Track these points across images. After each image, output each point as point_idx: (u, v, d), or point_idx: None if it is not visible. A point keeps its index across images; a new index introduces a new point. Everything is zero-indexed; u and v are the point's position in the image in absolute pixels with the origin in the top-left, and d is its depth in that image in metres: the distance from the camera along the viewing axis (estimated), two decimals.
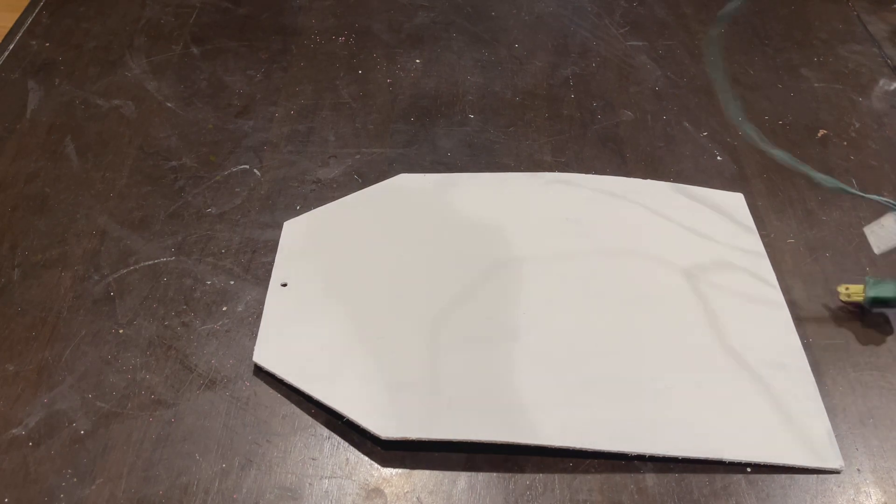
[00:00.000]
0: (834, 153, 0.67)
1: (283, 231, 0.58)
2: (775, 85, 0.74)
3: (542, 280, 0.55)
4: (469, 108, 0.70)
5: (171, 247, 0.57)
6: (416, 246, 0.57)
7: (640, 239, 0.58)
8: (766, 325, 0.53)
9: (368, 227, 0.58)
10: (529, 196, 0.61)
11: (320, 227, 0.58)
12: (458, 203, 0.60)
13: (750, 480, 0.45)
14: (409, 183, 0.62)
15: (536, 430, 0.46)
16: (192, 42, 0.76)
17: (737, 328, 0.52)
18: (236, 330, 0.52)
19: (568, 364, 0.50)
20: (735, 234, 0.59)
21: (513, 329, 0.51)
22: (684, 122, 0.69)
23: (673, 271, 0.56)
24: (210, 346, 0.51)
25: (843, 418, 0.49)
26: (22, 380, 0.49)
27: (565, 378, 0.49)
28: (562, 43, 0.78)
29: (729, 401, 0.48)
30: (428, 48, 0.76)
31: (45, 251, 0.56)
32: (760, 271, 0.56)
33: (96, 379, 0.49)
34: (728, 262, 0.57)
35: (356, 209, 0.59)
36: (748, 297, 0.54)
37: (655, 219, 0.60)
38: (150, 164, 0.63)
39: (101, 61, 0.73)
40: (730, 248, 0.58)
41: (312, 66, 0.74)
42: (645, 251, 0.57)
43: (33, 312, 0.53)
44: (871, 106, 0.72)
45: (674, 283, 0.55)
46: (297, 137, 0.66)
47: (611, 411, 0.47)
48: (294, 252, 0.56)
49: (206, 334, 0.52)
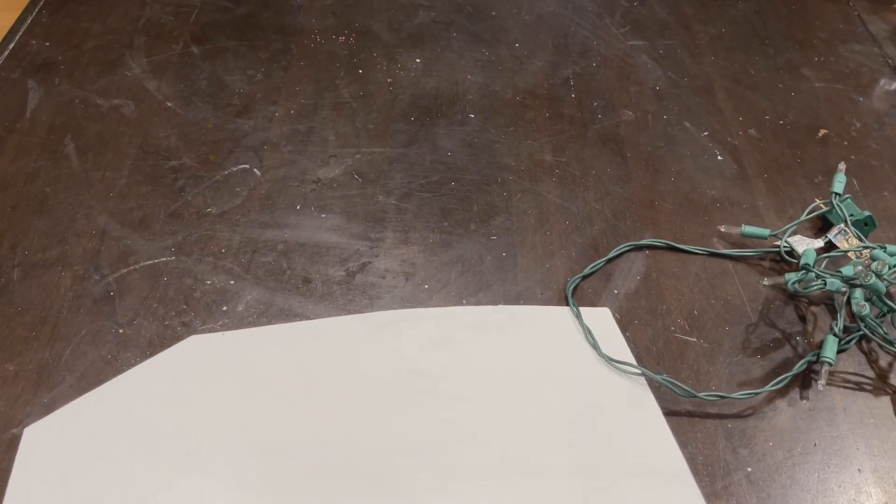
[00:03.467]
0: (834, 153, 0.67)
1: (20, 447, 0.45)
2: (776, 84, 0.74)
3: (380, 470, 0.45)
4: (469, 108, 0.70)
5: (171, 246, 0.57)
6: (221, 435, 0.46)
7: (498, 382, 0.50)
8: (662, 481, 0.46)
9: (146, 420, 0.46)
10: (356, 347, 0.51)
11: (77, 432, 0.46)
12: (266, 369, 0.50)
13: (751, 480, 0.45)
14: (203, 348, 0.51)
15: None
16: (192, 41, 0.76)
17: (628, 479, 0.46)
18: (236, 329, 0.52)
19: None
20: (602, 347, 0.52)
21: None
22: (685, 122, 0.69)
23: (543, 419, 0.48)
24: None
25: (843, 418, 0.49)
26: (22, 380, 0.49)
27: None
28: (562, 42, 0.78)
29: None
30: (428, 48, 0.76)
31: (45, 251, 0.56)
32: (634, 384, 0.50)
33: (96, 379, 0.49)
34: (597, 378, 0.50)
35: (125, 401, 0.47)
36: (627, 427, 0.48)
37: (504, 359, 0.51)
38: (150, 164, 0.63)
39: (101, 61, 0.73)
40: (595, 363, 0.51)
41: (312, 65, 0.74)
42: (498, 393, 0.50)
43: (33, 312, 0.53)
44: (871, 106, 0.72)
45: (543, 434, 0.47)
46: (297, 137, 0.66)
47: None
48: (36, 478, 0.44)
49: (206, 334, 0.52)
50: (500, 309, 0.54)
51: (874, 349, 0.52)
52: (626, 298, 0.55)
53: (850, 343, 0.52)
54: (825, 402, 0.49)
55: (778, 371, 0.51)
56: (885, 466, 0.46)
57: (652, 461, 0.46)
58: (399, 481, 0.45)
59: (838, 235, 0.56)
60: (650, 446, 0.47)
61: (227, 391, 0.48)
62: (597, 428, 0.47)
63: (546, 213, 0.60)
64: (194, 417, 0.47)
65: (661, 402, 0.49)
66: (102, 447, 0.45)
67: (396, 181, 0.63)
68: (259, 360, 0.50)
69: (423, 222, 0.60)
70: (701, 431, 0.48)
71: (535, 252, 0.58)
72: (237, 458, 0.45)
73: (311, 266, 0.56)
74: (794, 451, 0.47)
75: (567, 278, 0.56)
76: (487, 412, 0.48)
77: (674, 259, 0.58)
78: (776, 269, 0.57)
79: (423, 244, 0.58)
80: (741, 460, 0.46)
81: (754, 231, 0.57)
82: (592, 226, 0.60)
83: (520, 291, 0.55)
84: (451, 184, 0.62)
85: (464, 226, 0.59)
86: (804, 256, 0.53)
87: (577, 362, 0.51)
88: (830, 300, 0.55)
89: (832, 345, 0.50)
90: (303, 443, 0.46)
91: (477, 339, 0.52)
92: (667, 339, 0.52)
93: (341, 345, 0.52)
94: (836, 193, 0.58)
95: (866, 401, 0.50)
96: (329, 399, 0.49)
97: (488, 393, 0.49)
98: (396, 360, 0.51)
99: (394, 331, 0.52)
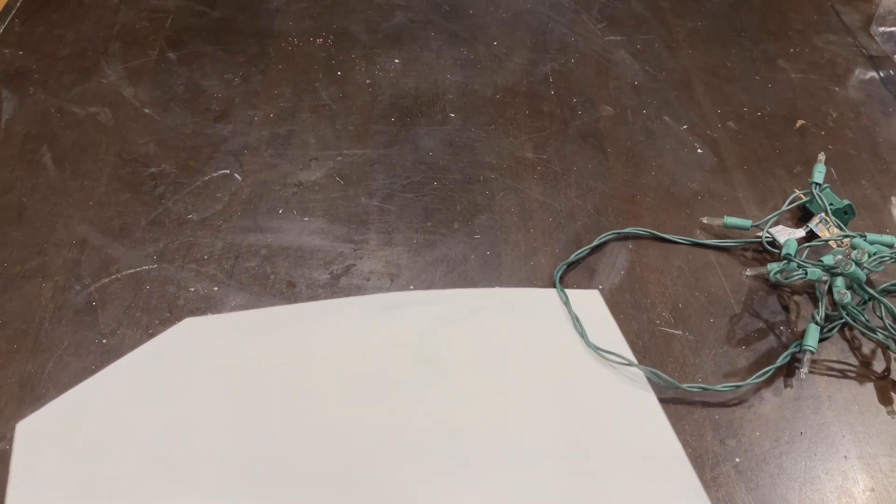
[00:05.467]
0: (812, 143, 0.67)
1: (15, 442, 0.44)
2: (753, 76, 0.74)
3: (383, 458, 0.45)
4: (449, 107, 0.70)
5: (153, 254, 0.57)
6: (223, 421, 0.46)
7: (504, 370, 0.50)
8: (660, 468, 0.46)
9: (142, 407, 0.46)
10: (360, 331, 0.51)
11: (71, 424, 0.45)
12: (263, 353, 0.50)
13: (739, 470, 0.46)
14: (198, 330, 0.50)
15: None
16: (168, 47, 0.75)
17: (628, 474, 0.46)
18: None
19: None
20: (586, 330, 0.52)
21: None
22: (664, 116, 0.69)
23: (547, 411, 0.48)
24: None
25: (828, 406, 0.49)
26: (4, 393, 0.48)
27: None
28: (540, 40, 0.78)
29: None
30: (406, 48, 0.76)
31: (24, 262, 0.56)
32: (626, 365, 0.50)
33: None
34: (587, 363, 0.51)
35: (121, 388, 0.47)
36: (626, 417, 0.48)
37: (501, 335, 0.52)
38: (129, 171, 0.63)
39: (76, 68, 0.72)
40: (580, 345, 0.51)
41: (290, 68, 0.73)
42: (499, 379, 0.50)
43: (14, 324, 0.52)
44: (847, 95, 0.72)
45: (550, 427, 0.47)
46: (277, 141, 0.66)
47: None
48: (37, 483, 0.43)
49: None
50: (497, 291, 0.54)
51: (857, 337, 0.53)
52: (610, 293, 0.55)
53: (832, 331, 0.53)
54: (810, 391, 0.50)
55: (762, 361, 0.51)
56: (871, 452, 0.47)
57: (649, 447, 0.46)
58: (395, 465, 0.45)
59: (819, 224, 0.57)
60: (647, 432, 0.47)
61: (224, 374, 0.48)
62: (596, 413, 0.48)
63: (529, 211, 0.61)
64: (192, 401, 0.47)
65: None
66: (101, 435, 0.45)
67: (378, 182, 0.62)
68: (256, 342, 0.50)
69: (407, 223, 0.59)
70: (689, 423, 0.48)
71: (518, 249, 0.58)
72: (236, 444, 0.45)
73: (294, 270, 0.56)
74: (781, 441, 0.47)
75: (551, 275, 0.56)
76: (486, 396, 0.48)
77: (657, 253, 0.58)
78: (758, 259, 0.58)
79: (406, 245, 0.58)
80: (729, 451, 0.47)
81: (736, 222, 0.58)
82: (575, 222, 0.60)
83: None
84: (433, 184, 0.62)
85: (447, 225, 0.59)
86: (785, 246, 0.53)
87: (575, 346, 0.51)
88: (812, 289, 0.55)
89: (814, 333, 0.50)
90: (300, 425, 0.46)
91: (476, 321, 0.52)
92: (652, 332, 0.53)
93: (339, 327, 0.52)
94: (817, 183, 0.58)
95: (850, 388, 0.50)
96: (326, 380, 0.49)
97: (485, 376, 0.50)
98: (394, 343, 0.51)
99: (392, 314, 0.52)
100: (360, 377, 0.49)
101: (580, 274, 0.56)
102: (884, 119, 0.70)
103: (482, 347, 0.51)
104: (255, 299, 0.54)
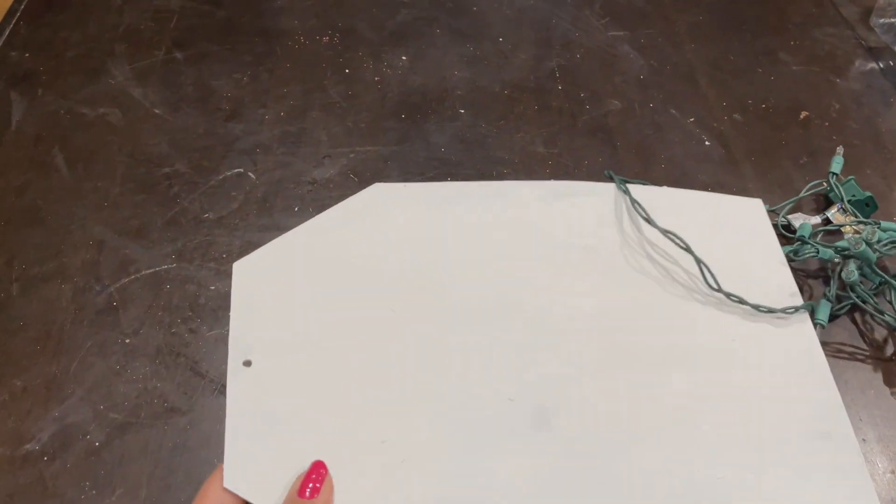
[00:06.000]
0: (816, 134, 0.68)
1: (233, 277, 0.48)
2: (755, 69, 0.75)
3: (562, 337, 0.46)
4: (459, 103, 0.70)
5: (172, 254, 0.57)
6: (410, 289, 0.48)
7: (667, 270, 0.51)
8: (805, 382, 0.46)
9: (342, 262, 0.48)
10: (532, 214, 0.53)
11: (282, 266, 0.48)
12: (451, 224, 0.51)
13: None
14: (386, 196, 0.53)
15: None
16: (175, 47, 0.75)
17: (777, 388, 0.45)
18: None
19: (605, 457, 0.42)
20: (758, 254, 0.52)
21: (539, 413, 0.42)
22: (671, 109, 0.70)
23: (705, 314, 0.48)
24: (220, 351, 0.51)
25: (844, 390, 0.50)
26: (30, 395, 0.48)
27: (605, 477, 0.41)
28: (544, 35, 0.79)
29: (777, 490, 0.41)
30: (413, 45, 0.77)
31: (42, 264, 0.56)
32: (787, 296, 0.50)
33: (107, 390, 0.49)
34: (759, 293, 0.50)
35: (322, 237, 0.50)
36: (781, 341, 0.48)
37: (676, 241, 0.52)
38: (143, 172, 0.63)
39: (83, 69, 0.72)
40: (754, 271, 0.51)
41: (298, 66, 0.73)
42: (671, 285, 0.50)
43: (36, 326, 0.52)
44: (848, 87, 0.74)
45: (709, 331, 0.48)
46: (288, 139, 0.66)
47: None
48: (253, 307, 0.46)
49: (214, 340, 0.52)
50: (683, 192, 0.56)
51: (868, 321, 0.54)
52: None
53: (842, 310, 0.54)
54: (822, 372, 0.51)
55: None
56: (890, 435, 0.48)
57: (805, 397, 0.45)
58: (555, 350, 0.46)
59: (836, 213, 0.58)
60: (803, 376, 0.46)
61: (410, 240, 0.51)
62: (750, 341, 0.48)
63: None
64: (386, 262, 0.49)
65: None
66: (312, 279, 0.48)
67: (392, 178, 0.63)
68: (444, 214, 0.52)
69: None
70: None
71: None
72: (426, 310, 0.47)
73: None
74: None
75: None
76: (659, 305, 0.49)
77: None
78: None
79: None
80: None
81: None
82: None
83: None
84: (447, 179, 0.63)
85: None
86: (800, 229, 0.55)
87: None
88: (825, 272, 0.56)
89: (825, 308, 0.51)
90: (476, 299, 0.48)
91: (657, 221, 0.52)
92: None
93: (519, 209, 0.53)
94: (834, 173, 0.59)
95: (864, 372, 0.51)
96: (504, 259, 0.50)
97: (663, 280, 0.50)
98: (570, 232, 0.52)
99: (570, 202, 0.54)
100: (535, 258, 0.51)
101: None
102: (885, 109, 0.71)
103: (669, 247, 0.52)
104: None
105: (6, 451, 0.46)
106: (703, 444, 0.42)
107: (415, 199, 0.53)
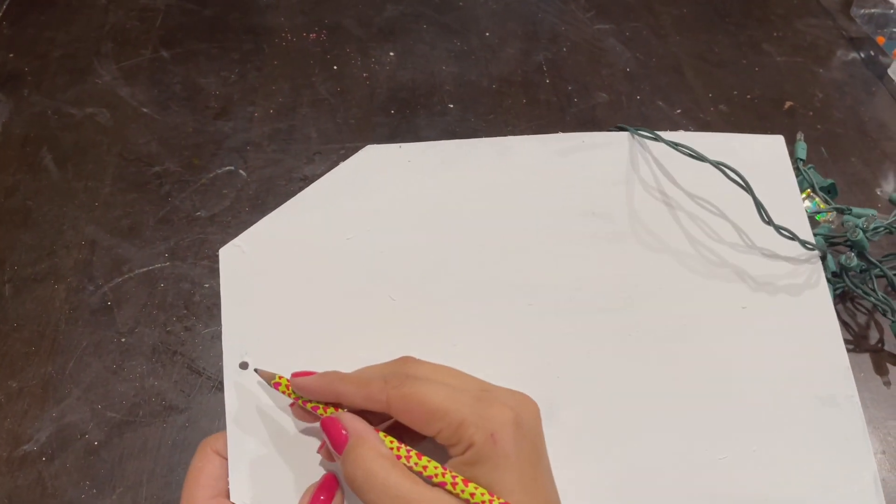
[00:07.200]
0: (801, 123, 0.69)
1: (220, 264, 0.43)
2: (740, 61, 0.76)
3: (570, 317, 0.44)
4: (448, 98, 0.70)
5: (164, 252, 0.57)
6: (408, 271, 0.44)
7: (676, 228, 0.47)
8: (812, 343, 0.44)
9: (336, 240, 0.45)
10: (540, 174, 0.48)
11: (272, 249, 0.44)
12: (450, 190, 0.47)
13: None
14: (379, 159, 0.48)
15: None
16: (161, 46, 0.75)
17: (783, 352, 0.43)
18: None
19: (613, 442, 0.40)
20: (777, 194, 0.48)
21: (547, 399, 0.39)
22: (658, 101, 0.71)
23: (717, 281, 0.45)
24: (216, 348, 0.51)
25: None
26: (27, 395, 0.48)
27: (611, 463, 0.40)
28: (531, 29, 0.79)
29: (781, 461, 0.40)
30: (400, 41, 0.77)
31: (34, 265, 0.56)
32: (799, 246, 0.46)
33: (104, 389, 0.49)
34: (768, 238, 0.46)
35: (312, 213, 0.45)
36: (790, 293, 0.45)
37: (692, 196, 0.48)
38: (133, 171, 0.62)
39: (69, 70, 0.72)
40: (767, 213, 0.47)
41: (286, 64, 0.73)
42: (685, 249, 0.47)
43: (30, 327, 0.52)
44: (831, 76, 0.75)
45: (720, 298, 0.45)
46: (279, 136, 0.66)
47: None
48: (245, 300, 0.42)
49: (210, 337, 0.52)
50: (694, 135, 0.51)
51: (851, 308, 0.55)
52: None
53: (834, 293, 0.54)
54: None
55: None
56: (879, 416, 0.49)
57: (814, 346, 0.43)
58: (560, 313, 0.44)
59: (805, 201, 0.59)
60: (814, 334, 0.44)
61: (407, 211, 0.46)
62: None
63: None
64: (383, 236, 0.45)
65: None
66: (304, 263, 0.44)
67: None
68: (443, 177, 0.48)
69: None
70: None
71: None
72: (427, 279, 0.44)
73: None
74: None
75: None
76: (668, 269, 0.46)
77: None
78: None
79: None
80: None
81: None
82: None
83: None
84: None
85: None
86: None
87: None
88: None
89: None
90: (479, 279, 0.45)
91: (667, 171, 0.49)
92: None
93: (523, 166, 0.49)
94: (801, 160, 0.60)
95: (853, 357, 0.52)
96: (507, 219, 0.46)
97: (672, 239, 0.47)
98: (583, 194, 0.48)
99: (583, 156, 0.49)
100: (537, 219, 0.47)
101: None
102: (868, 98, 0.72)
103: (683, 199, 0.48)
104: None
105: (4, 453, 0.46)
106: (711, 418, 0.41)
107: (411, 161, 0.49)
